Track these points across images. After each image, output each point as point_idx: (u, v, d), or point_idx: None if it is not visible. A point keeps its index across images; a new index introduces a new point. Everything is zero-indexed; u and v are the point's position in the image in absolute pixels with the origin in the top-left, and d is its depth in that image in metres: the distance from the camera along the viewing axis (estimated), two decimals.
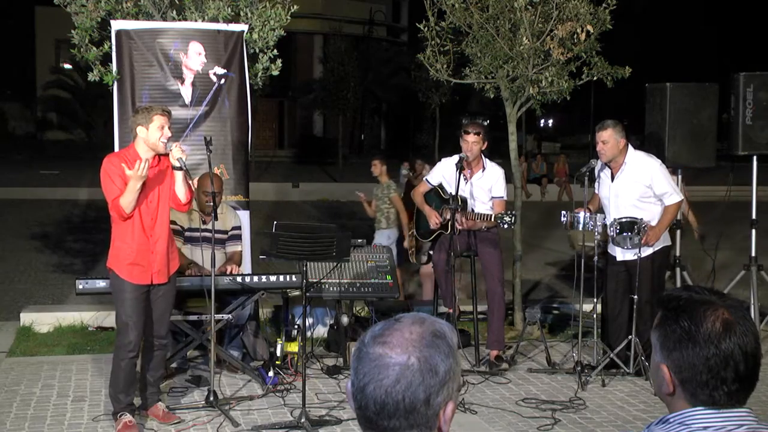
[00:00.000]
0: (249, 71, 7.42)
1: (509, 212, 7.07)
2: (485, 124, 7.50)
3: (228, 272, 6.69)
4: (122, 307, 5.58)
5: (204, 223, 6.85)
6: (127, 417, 5.58)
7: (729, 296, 1.83)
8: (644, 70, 11.50)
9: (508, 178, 7.73)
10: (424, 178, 7.63)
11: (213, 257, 5.91)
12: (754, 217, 8.07)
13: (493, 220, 7.07)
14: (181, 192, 5.68)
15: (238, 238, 7.11)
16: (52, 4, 7.38)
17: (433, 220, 7.36)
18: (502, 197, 7.35)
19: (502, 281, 7.34)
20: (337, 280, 7.34)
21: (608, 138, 6.82)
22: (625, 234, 6.73)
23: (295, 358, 6.89)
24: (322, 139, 37.23)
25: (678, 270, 8.26)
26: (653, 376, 1.85)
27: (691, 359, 1.73)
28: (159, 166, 5.68)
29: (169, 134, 5.64)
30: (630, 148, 6.93)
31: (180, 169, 5.62)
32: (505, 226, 7.06)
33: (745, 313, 1.78)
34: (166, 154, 5.66)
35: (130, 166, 5.49)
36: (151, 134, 5.55)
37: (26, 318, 8.20)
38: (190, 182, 5.87)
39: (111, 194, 5.48)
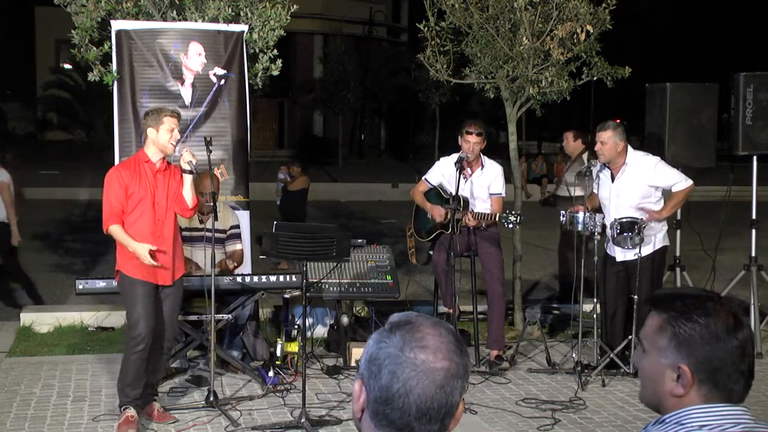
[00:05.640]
0: (249, 71, 7.41)
1: (514, 212, 7.04)
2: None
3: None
4: (133, 305, 5.63)
5: (201, 222, 6.86)
6: (131, 411, 5.61)
7: (715, 292, 1.86)
8: (644, 70, 11.51)
9: (508, 178, 7.72)
10: (423, 178, 7.58)
11: (213, 257, 5.92)
12: (754, 217, 8.06)
13: (497, 219, 7.05)
14: (188, 196, 5.75)
15: (237, 236, 7.11)
16: (52, 4, 7.38)
17: (437, 212, 7.29)
18: (500, 194, 7.32)
19: (503, 281, 7.34)
20: (337, 280, 7.34)
21: (607, 139, 6.79)
22: (625, 234, 6.73)
23: (295, 358, 6.89)
24: (322, 139, 37.20)
25: (678, 270, 8.26)
26: (654, 378, 1.82)
27: (719, 353, 1.74)
28: (168, 169, 5.73)
29: (178, 136, 5.73)
30: (629, 148, 6.91)
31: (190, 172, 5.68)
32: (510, 225, 7.05)
33: (739, 308, 1.83)
34: (176, 160, 5.74)
35: (139, 172, 5.55)
36: (161, 136, 5.61)
37: (26, 318, 8.20)
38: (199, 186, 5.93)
39: (105, 209, 5.60)
